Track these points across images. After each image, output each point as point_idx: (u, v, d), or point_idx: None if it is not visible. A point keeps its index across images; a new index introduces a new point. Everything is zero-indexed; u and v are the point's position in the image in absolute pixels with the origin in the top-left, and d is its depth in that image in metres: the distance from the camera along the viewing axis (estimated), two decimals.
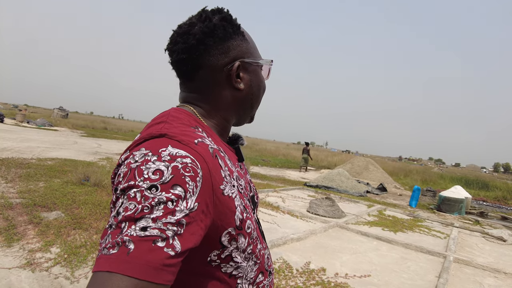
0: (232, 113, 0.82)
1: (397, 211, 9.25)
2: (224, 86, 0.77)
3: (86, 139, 19.26)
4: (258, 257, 0.76)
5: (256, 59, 0.82)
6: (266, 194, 8.95)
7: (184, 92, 0.80)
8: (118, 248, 0.49)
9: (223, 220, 0.63)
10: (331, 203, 7.47)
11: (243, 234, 0.69)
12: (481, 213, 10.67)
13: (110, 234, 0.52)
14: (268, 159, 22.57)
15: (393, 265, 4.62)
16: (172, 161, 0.57)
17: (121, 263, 0.48)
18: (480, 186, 20.67)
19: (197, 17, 0.75)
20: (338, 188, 11.99)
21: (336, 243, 5.28)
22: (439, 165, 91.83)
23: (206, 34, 0.72)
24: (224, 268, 0.68)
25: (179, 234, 0.53)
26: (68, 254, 3.48)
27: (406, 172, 24.19)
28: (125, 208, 0.53)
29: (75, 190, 6.11)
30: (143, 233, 0.50)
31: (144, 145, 0.61)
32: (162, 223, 0.52)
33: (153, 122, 0.70)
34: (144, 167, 0.56)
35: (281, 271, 3.82)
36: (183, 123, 0.69)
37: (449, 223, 8.44)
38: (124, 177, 0.57)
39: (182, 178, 0.56)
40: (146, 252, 0.49)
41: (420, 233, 6.89)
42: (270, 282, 0.83)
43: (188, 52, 0.73)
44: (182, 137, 0.62)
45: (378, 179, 17.22)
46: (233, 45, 0.77)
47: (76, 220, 4.48)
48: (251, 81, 0.81)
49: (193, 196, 0.56)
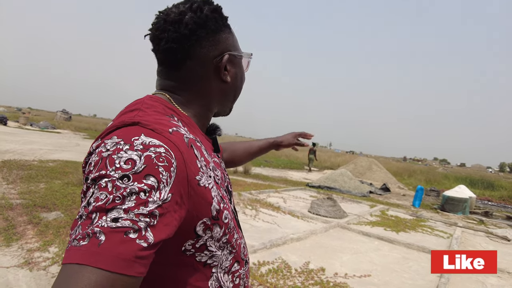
0: (215, 103, 0.82)
1: (400, 211, 9.18)
2: (211, 77, 0.77)
3: (88, 141, 19.33)
4: (234, 246, 0.75)
5: (240, 52, 0.83)
6: (267, 195, 8.92)
7: (164, 79, 0.77)
8: (89, 239, 0.48)
9: (198, 210, 0.62)
10: (333, 203, 7.43)
11: (219, 224, 0.67)
12: (485, 212, 10.57)
13: (80, 225, 0.51)
14: (270, 160, 22.53)
15: (394, 265, 4.57)
16: (145, 150, 0.55)
17: (92, 255, 0.47)
18: (485, 185, 20.51)
19: (187, 6, 0.73)
20: (341, 189, 11.93)
21: (337, 243, 5.24)
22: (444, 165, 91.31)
23: (199, 25, 0.72)
24: (199, 257, 0.67)
25: (152, 226, 0.52)
26: None
27: (410, 172, 24.09)
28: (96, 198, 0.52)
29: (75, 191, 6.12)
30: (114, 224, 0.49)
31: (116, 133, 0.59)
32: (134, 214, 0.50)
33: (126, 109, 0.68)
34: (116, 156, 0.54)
35: (280, 270, 3.79)
36: (157, 111, 0.67)
37: (452, 222, 8.37)
38: (95, 166, 0.55)
39: (155, 168, 0.54)
40: (117, 244, 0.48)
41: (422, 233, 6.83)
42: (246, 271, 0.82)
43: (180, 41, 0.71)
44: (156, 125, 0.61)
45: (382, 180, 17.14)
46: (223, 37, 0.77)
47: None
48: (236, 74, 0.82)
49: (166, 186, 0.55)
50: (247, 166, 13.56)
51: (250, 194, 8.42)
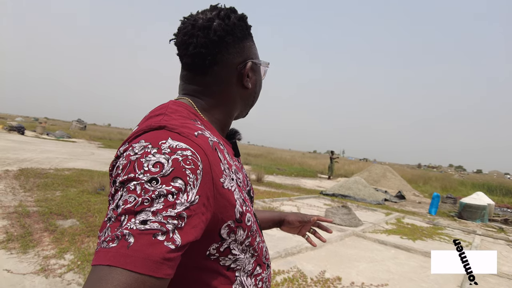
0: (236, 109, 0.83)
1: (416, 219, 9.01)
2: (234, 83, 0.79)
3: (103, 150, 19.63)
4: (256, 249, 0.76)
5: (260, 61, 0.85)
6: (281, 203, 8.86)
7: (188, 84, 0.79)
8: (118, 241, 0.49)
9: (223, 213, 0.63)
10: (348, 211, 7.33)
11: (242, 227, 0.68)
12: (505, 220, 10.28)
13: (109, 227, 0.52)
14: (283, 168, 22.47)
15: (412, 274, 4.46)
16: (173, 153, 0.56)
17: (121, 257, 0.47)
18: (504, 192, 20.02)
19: (214, 14, 0.75)
20: (355, 197, 11.78)
21: (353, 252, 5.15)
22: (460, 171, 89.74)
23: (227, 32, 0.74)
24: (223, 262, 0.67)
25: (180, 228, 0.52)
26: (81, 261, 3.49)
27: (425, 179, 23.69)
28: (125, 201, 0.53)
29: (90, 199, 6.19)
30: (143, 227, 0.50)
31: (144, 137, 0.60)
32: (163, 217, 0.51)
33: (152, 114, 0.69)
34: (144, 160, 0.55)
35: (295, 280, 3.73)
36: (182, 115, 0.68)
37: (471, 230, 8.16)
38: (123, 169, 0.57)
39: (182, 171, 0.55)
40: (146, 246, 0.49)
41: (440, 241, 6.67)
42: (268, 275, 0.83)
43: (208, 47, 0.73)
44: (182, 129, 0.62)
45: (397, 187, 16.88)
46: (247, 45, 0.80)
47: (90, 228, 4.52)
48: (256, 81, 0.85)
49: (193, 189, 0.56)
50: (260, 174, 13.53)
51: (263, 202, 8.37)
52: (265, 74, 0.89)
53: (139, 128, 0.64)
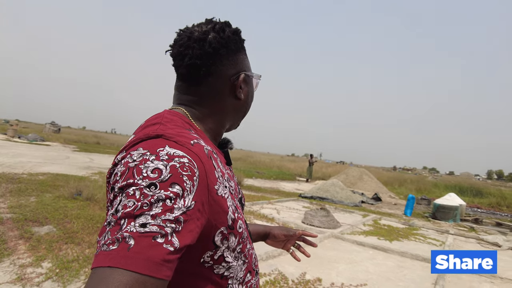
0: (228, 119, 0.86)
1: (392, 220, 9.25)
2: (227, 94, 0.82)
3: (78, 154, 19.12)
4: (247, 256, 0.78)
5: (252, 73, 0.88)
6: (260, 206, 8.89)
7: (182, 94, 0.81)
8: (118, 244, 0.50)
9: (216, 219, 0.65)
10: (326, 213, 7.44)
11: (234, 233, 0.70)
12: (475, 219, 10.70)
13: (109, 231, 0.53)
14: (262, 171, 22.52)
15: (389, 273, 4.59)
16: (170, 160, 0.58)
17: (122, 258, 0.49)
18: (474, 193, 20.76)
19: (209, 27, 0.78)
20: (333, 199, 11.97)
21: (332, 253, 5.24)
22: (433, 173, 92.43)
23: (222, 44, 0.77)
24: (217, 270, 0.69)
25: (177, 231, 0.54)
26: (60, 268, 3.41)
27: (400, 182, 24.24)
28: (124, 205, 0.54)
29: (67, 204, 6.04)
30: (143, 229, 0.51)
31: (142, 145, 0.62)
32: (161, 220, 0.53)
33: (148, 123, 0.71)
34: (143, 166, 0.57)
35: (277, 282, 3.78)
36: (177, 125, 0.70)
37: (444, 230, 8.45)
38: (122, 175, 0.59)
39: (180, 177, 0.57)
40: (146, 248, 0.50)
41: (415, 241, 6.88)
42: (257, 282, 0.85)
43: (203, 58, 0.76)
44: (178, 138, 0.64)
45: (373, 189, 17.25)
46: (240, 58, 0.83)
47: (68, 235, 4.42)
48: (248, 92, 0.87)
49: (190, 194, 0.58)
50: (239, 178, 13.53)
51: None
52: (257, 86, 0.93)
53: (136, 136, 0.66)
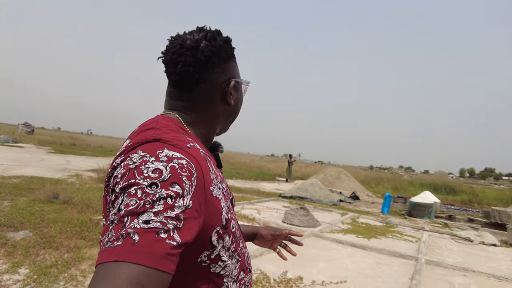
0: (219, 124, 0.89)
1: (370, 218, 9.45)
2: (218, 100, 0.85)
3: (53, 156, 18.60)
4: (240, 255, 0.81)
5: (241, 80, 0.91)
6: (241, 207, 8.92)
7: (175, 100, 0.84)
8: (123, 239, 0.52)
9: (212, 219, 0.68)
10: (306, 212, 7.54)
11: (228, 233, 0.73)
12: (449, 216, 11.08)
13: (112, 229, 0.55)
14: (242, 171, 22.52)
15: (368, 270, 4.71)
16: (170, 161, 0.61)
17: (128, 253, 0.51)
18: (447, 191, 21.44)
19: (201, 35, 0.81)
20: (312, 198, 12.13)
21: (312, 252, 5.33)
22: (409, 172, 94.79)
23: (213, 52, 0.80)
24: (213, 269, 0.72)
25: (178, 228, 0.57)
26: (37, 274, 3.34)
27: (377, 181, 24.74)
28: (126, 204, 0.56)
29: (43, 208, 5.89)
30: (146, 226, 0.54)
31: (141, 148, 0.65)
32: (164, 217, 0.55)
33: (143, 128, 0.73)
34: (144, 167, 0.60)
35: (259, 281, 3.82)
36: (171, 129, 0.73)
37: (420, 227, 8.71)
38: (123, 177, 0.61)
39: (179, 177, 0.60)
40: (151, 242, 0.52)
41: (392, 238, 7.08)
42: (249, 279, 0.88)
43: (196, 66, 0.78)
44: (175, 141, 0.67)
45: (351, 188, 17.55)
46: (230, 66, 0.86)
47: (45, 239, 4.31)
48: (238, 98, 0.91)
49: (189, 194, 0.60)
50: None
51: None
52: (245, 92, 0.96)
53: (134, 141, 0.69)
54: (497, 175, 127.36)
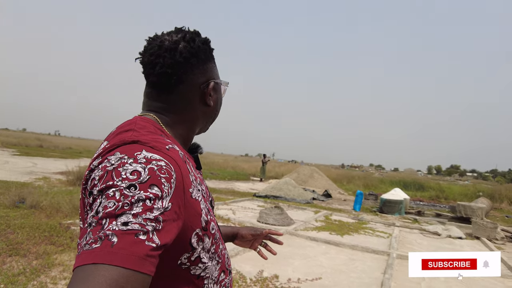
0: (198, 125, 0.89)
1: (342, 216, 9.64)
2: (197, 101, 0.84)
3: (18, 158, 17.85)
4: (220, 256, 0.81)
5: (221, 81, 0.91)
6: (216, 207, 8.86)
7: (152, 101, 0.83)
8: (101, 242, 0.51)
9: (192, 221, 0.67)
10: (280, 211, 7.61)
11: (208, 234, 0.73)
12: (418, 212, 11.46)
13: (90, 232, 0.54)
14: (216, 172, 22.39)
15: (342, 266, 4.82)
16: (148, 163, 0.61)
17: (106, 255, 0.50)
18: (416, 187, 22.12)
19: (180, 36, 0.80)
20: (286, 197, 12.23)
21: (287, 250, 5.38)
22: (380, 170, 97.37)
23: (192, 54, 0.79)
24: (193, 271, 0.71)
25: (157, 230, 0.56)
26: (5, 283, 3.20)
27: (349, 179, 25.20)
28: (105, 206, 0.55)
29: (8, 213, 5.65)
30: (125, 227, 0.53)
31: (119, 150, 0.64)
32: (142, 219, 0.55)
33: (120, 130, 0.72)
34: (122, 169, 0.59)
35: (235, 281, 3.82)
36: (150, 131, 0.72)
37: (390, 223, 8.97)
38: (101, 179, 0.60)
39: (158, 179, 0.59)
40: (130, 244, 0.52)
41: (365, 234, 7.25)
42: (230, 281, 0.88)
43: (174, 67, 0.78)
44: (154, 143, 0.66)
45: (323, 186, 17.81)
46: (209, 67, 0.86)
47: (12, 246, 4.13)
48: (217, 99, 0.90)
49: (167, 196, 0.60)
50: None
51: None
52: (224, 93, 0.96)
53: (112, 143, 0.67)
54: (462, 171, 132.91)
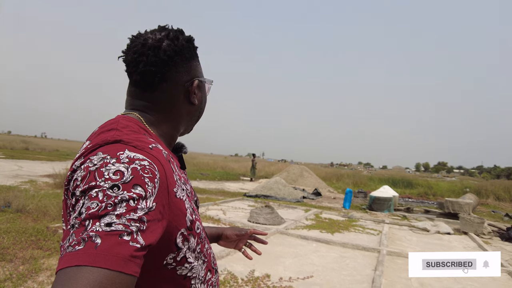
0: (182, 124, 0.87)
1: (332, 214, 9.69)
2: (181, 99, 0.83)
3: (4, 161, 17.50)
4: (206, 256, 0.80)
5: (205, 79, 0.90)
6: (206, 208, 8.82)
7: (135, 99, 0.81)
8: (85, 243, 0.50)
9: (176, 221, 0.66)
10: (271, 210, 7.61)
11: (193, 234, 0.72)
12: (407, 209, 11.60)
13: (73, 233, 0.53)
14: (206, 172, 22.31)
15: (333, 264, 4.83)
16: (131, 163, 0.59)
17: (90, 256, 0.49)
18: (405, 184, 22.43)
19: (163, 34, 0.79)
20: (276, 196, 12.26)
21: (278, 249, 5.38)
22: (368, 168, 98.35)
23: (176, 52, 0.78)
24: (180, 271, 0.70)
25: (142, 230, 0.55)
26: None
27: (338, 177, 25.39)
28: (88, 207, 0.54)
29: None
30: (108, 228, 0.52)
31: (101, 149, 0.62)
32: (126, 219, 0.54)
33: (102, 129, 0.70)
34: (104, 169, 0.58)
35: (227, 282, 3.80)
36: (133, 130, 0.71)
37: (380, 220, 9.05)
38: (83, 179, 0.58)
39: (141, 179, 0.58)
40: (114, 245, 0.51)
41: (355, 232, 7.30)
42: (217, 279, 0.87)
43: (158, 65, 0.76)
44: (137, 142, 0.65)
45: (313, 185, 17.91)
46: (193, 65, 0.85)
47: None
48: (202, 97, 0.90)
49: (151, 196, 0.59)
50: None
51: None
52: (209, 91, 0.95)
53: (94, 142, 0.66)
54: (449, 168, 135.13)
